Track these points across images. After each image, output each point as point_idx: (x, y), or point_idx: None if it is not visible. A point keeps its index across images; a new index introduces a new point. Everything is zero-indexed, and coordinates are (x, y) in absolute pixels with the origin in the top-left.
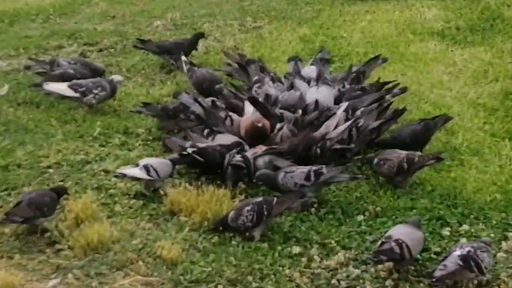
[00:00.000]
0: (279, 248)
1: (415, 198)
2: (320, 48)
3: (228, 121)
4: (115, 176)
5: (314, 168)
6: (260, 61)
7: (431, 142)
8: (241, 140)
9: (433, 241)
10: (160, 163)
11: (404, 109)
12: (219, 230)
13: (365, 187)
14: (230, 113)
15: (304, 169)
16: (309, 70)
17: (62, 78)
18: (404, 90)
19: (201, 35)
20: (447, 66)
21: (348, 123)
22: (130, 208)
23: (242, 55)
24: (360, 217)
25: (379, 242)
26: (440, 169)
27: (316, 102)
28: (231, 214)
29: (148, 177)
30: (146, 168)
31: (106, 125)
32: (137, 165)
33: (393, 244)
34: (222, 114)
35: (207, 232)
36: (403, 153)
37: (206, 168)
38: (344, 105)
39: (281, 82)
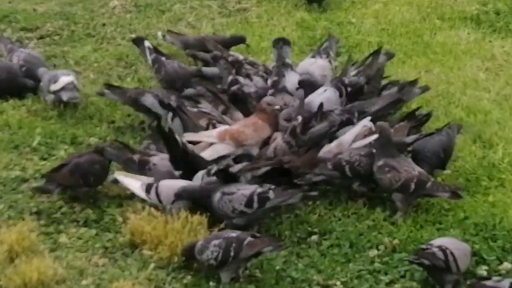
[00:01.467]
0: None
1: (443, 228)
2: (328, 34)
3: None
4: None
5: (258, 190)
6: (227, 54)
7: (463, 158)
8: None
9: (466, 282)
10: (169, 187)
11: (429, 115)
12: (193, 267)
13: (379, 213)
14: (214, 121)
15: (247, 190)
16: (307, 64)
17: None
18: (426, 88)
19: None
20: (484, 61)
21: (370, 138)
22: (79, 238)
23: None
24: (373, 252)
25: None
26: (475, 191)
27: (321, 106)
28: (199, 244)
29: (146, 197)
30: (148, 187)
31: (48, 133)
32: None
33: (435, 249)
34: (203, 122)
35: (177, 270)
36: (416, 170)
37: None
38: (365, 120)
39: (262, 76)
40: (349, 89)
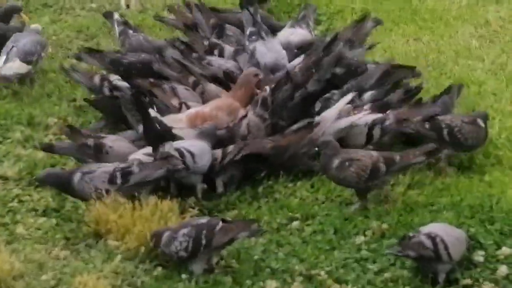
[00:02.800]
0: (247, 282)
1: (435, 210)
2: (305, 3)
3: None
4: None
5: (121, 165)
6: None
7: None
8: None
9: (461, 270)
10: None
11: (419, 88)
12: (164, 258)
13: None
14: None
15: (108, 167)
16: (287, 33)
17: None
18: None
19: None
20: (477, 27)
21: (356, 117)
22: (38, 229)
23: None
24: (360, 238)
25: (404, 238)
26: (470, 170)
27: (287, 74)
28: (165, 235)
29: None
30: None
31: (2, 113)
32: None
33: (423, 237)
34: (175, 101)
35: (146, 262)
36: (373, 153)
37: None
38: (349, 95)
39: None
40: None
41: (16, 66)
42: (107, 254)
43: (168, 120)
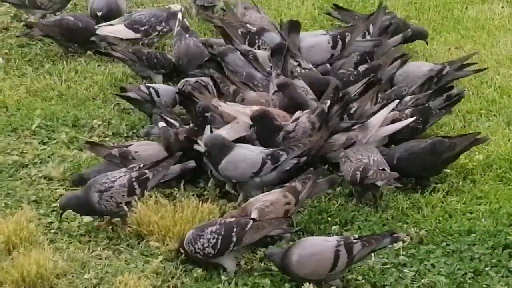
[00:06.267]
0: (286, 285)
1: (474, 217)
2: (379, 4)
3: (239, 98)
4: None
5: (134, 174)
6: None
7: (496, 142)
8: None
9: (498, 277)
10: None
11: (461, 94)
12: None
13: (403, 202)
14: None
15: (123, 180)
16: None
17: None
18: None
19: None
20: None
21: (401, 124)
22: (82, 229)
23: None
24: (398, 244)
25: None
26: (509, 178)
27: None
28: (189, 234)
29: None
30: None
31: (48, 114)
32: None
33: None
34: (230, 88)
35: (186, 263)
36: (367, 157)
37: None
38: (393, 103)
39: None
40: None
41: (112, 30)
42: (149, 254)
43: (235, 109)
